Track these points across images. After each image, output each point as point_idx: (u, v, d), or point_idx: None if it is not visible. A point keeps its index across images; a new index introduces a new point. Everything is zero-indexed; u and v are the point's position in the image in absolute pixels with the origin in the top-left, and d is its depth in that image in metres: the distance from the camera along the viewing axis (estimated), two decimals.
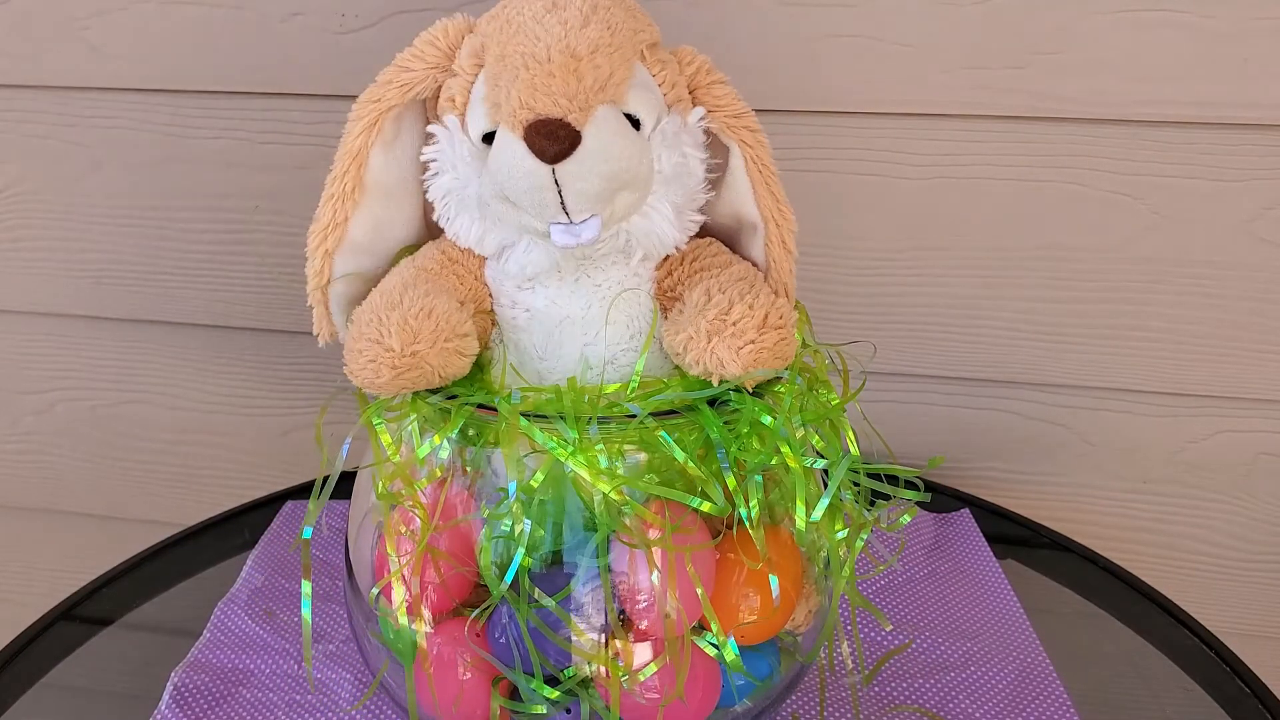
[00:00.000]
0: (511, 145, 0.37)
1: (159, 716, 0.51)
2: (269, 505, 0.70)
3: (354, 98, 0.43)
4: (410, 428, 0.40)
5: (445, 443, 0.40)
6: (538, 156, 0.37)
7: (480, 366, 0.43)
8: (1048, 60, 0.61)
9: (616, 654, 0.40)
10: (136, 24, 0.68)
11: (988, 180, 0.64)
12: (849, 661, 0.51)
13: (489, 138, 0.40)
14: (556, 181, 0.37)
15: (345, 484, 0.41)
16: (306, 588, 0.41)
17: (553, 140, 0.36)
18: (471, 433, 0.41)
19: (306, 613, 0.41)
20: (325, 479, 0.40)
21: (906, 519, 0.43)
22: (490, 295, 0.44)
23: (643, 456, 0.40)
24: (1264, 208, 0.63)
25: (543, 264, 0.42)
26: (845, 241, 0.68)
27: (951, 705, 0.52)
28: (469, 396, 0.39)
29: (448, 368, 0.39)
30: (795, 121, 0.65)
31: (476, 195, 0.41)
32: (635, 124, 0.39)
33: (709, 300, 0.39)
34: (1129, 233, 0.64)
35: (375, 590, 0.43)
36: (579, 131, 0.37)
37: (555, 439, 0.37)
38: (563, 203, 0.37)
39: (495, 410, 0.38)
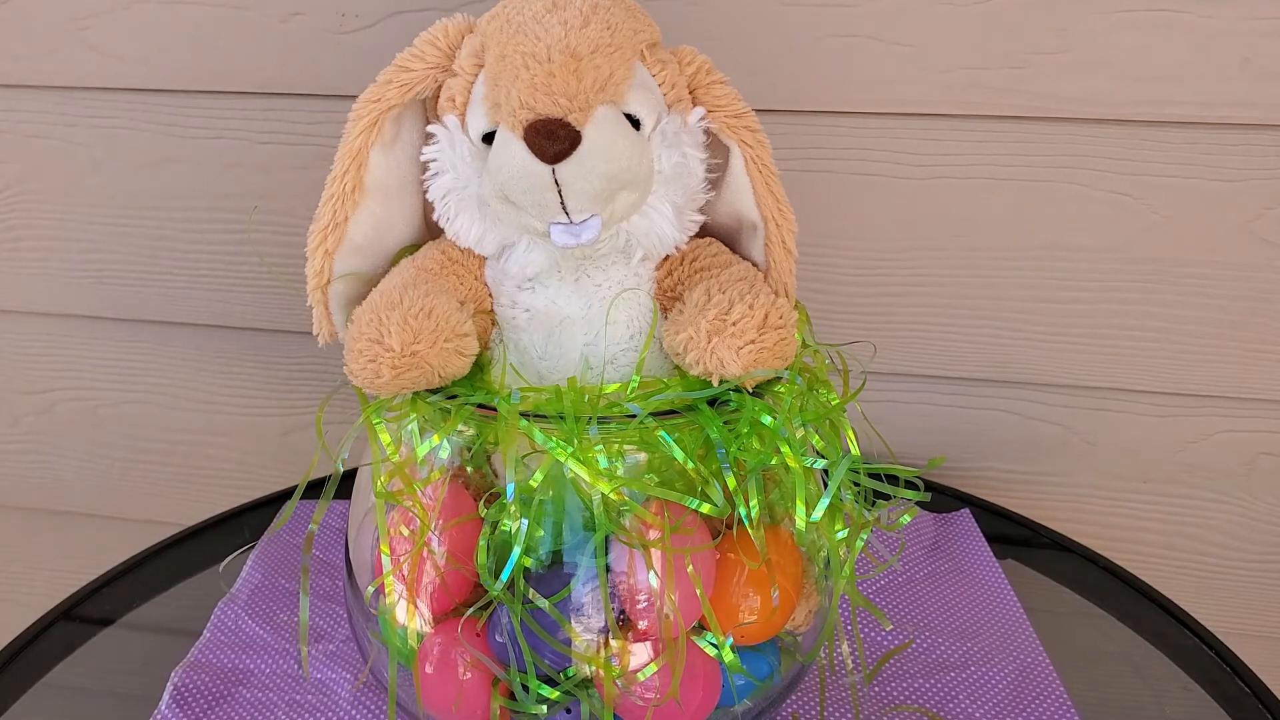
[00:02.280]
0: (511, 145, 0.37)
1: (159, 716, 0.51)
2: (269, 505, 0.70)
3: (354, 98, 0.43)
4: (410, 428, 0.40)
5: (445, 443, 0.40)
6: (538, 156, 0.37)
7: (480, 366, 0.43)
8: (1048, 60, 0.61)
9: (613, 654, 0.40)
10: (136, 24, 0.68)
11: (988, 180, 0.64)
12: (849, 661, 0.51)
13: (489, 138, 0.40)
14: (556, 181, 0.37)
15: (345, 484, 0.41)
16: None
17: (553, 140, 0.36)
18: (471, 433, 0.41)
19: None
20: (326, 478, 0.40)
21: (906, 519, 0.43)
22: (490, 295, 0.44)
23: (643, 456, 0.40)
24: (1264, 208, 0.63)
25: (543, 264, 0.42)
26: (845, 241, 0.68)
27: (951, 705, 0.52)
28: (469, 396, 0.39)
29: (448, 368, 0.39)
30: (795, 121, 0.65)
31: (476, 195, 0.41)
32: (635, 124, 0.39)
33: (709, 300, 0.39)
34: (1129, 233, 0.64)
35: (371, 589, 0.43)
36: (579, 131, 0.37)
37: (555, 439, 0.37)
38: (563, 203, 0.37)
39: (495, 410, 0.38)
